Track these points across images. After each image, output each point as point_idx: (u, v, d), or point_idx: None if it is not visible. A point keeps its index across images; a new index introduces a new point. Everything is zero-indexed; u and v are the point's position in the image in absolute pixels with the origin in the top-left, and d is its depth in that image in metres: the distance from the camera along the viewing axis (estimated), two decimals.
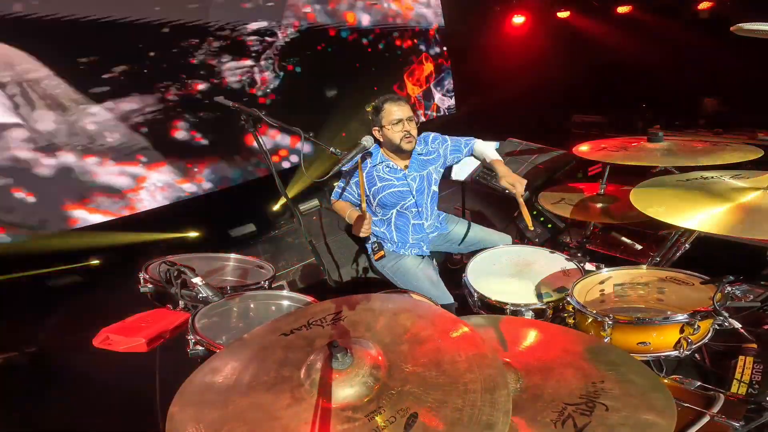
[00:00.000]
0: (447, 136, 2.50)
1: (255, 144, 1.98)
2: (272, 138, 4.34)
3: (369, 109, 2.30)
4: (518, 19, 5.91)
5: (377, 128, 2.27)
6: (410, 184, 2.32)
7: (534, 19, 5.91)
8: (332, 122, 4.57)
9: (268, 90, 4.10)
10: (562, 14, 5.77)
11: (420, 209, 2.37)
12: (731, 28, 1.70)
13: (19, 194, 3.19)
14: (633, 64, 5.32)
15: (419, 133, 2.35)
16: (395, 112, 2.20)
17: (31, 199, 3.23)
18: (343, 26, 4.53)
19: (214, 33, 3.71)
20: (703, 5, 4.81)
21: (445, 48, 5.72)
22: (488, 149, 2.46)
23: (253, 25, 3.89)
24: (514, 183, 2.13)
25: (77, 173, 3.37)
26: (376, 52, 4.92)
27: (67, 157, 3.30)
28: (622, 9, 5.37)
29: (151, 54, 3.50)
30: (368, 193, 2.31)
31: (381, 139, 2.30)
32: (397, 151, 2.28)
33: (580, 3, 5.61)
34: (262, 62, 3.97)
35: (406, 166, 2.34)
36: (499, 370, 0.91)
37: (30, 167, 3.19)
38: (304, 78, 4.34)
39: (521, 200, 2.10)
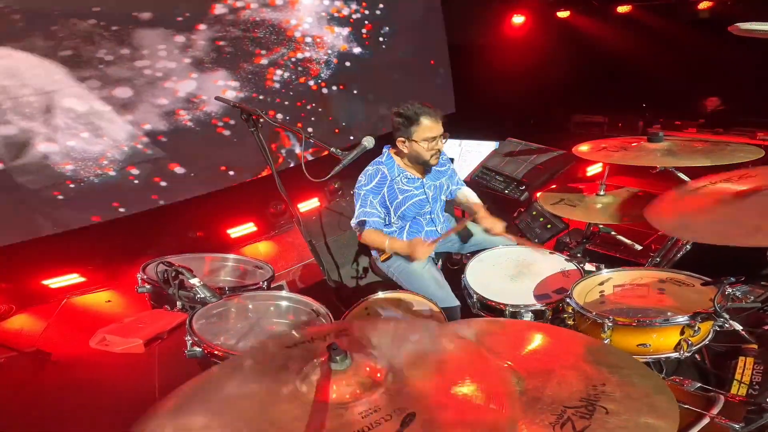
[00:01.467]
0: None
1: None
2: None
3: (398, 117, 2.13)
4: (518, 19, 5.91)
5: (404, 139, 2.15)
6: (427, 192, 2.32)
7: (534, 19, 5.90)
8: None
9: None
10: (562, 14, 5.77)
11: (433, 216, 2.40)
12: (729, 28, 1.70)
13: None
14: (633, 64, 5.32)
15: None
16: (430, 128, 2.09)
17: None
18: None
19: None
20: (703, 5, 4.81)
21: None
22: (472, 194, 2.54)
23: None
24: (493, 226, 2.22)
25: None
26: None
27: None
28: (622, 9, 5.37)
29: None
30: (390, 209, 2.27)
31: (405, 150, 2.18)
32: (422, 164, 2.21)
33: (580, 3, 5.61)
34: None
35: (422, 175, 2.32)
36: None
37: None
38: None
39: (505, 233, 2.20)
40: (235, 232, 4.09)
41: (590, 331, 1.49)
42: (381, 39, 4.81)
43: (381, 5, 4.72)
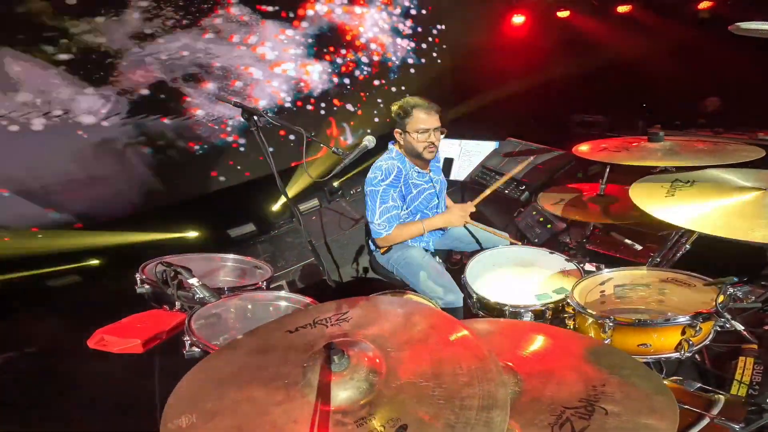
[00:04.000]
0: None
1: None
2: None
3: (396, 108, 2.22)
4: (518, 19, 5.90)
5: (400, 131, 2.22)
6: (435, 186, 2.37)
7: (534, 19, 5.89)
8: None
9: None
10: (562, 14, 5.75)
11: (439, 210, 2.45)
12: (729, 27, 1.70)
13: None
14: (633, 64, 5.31)
15: None
16: (424, 120, 2.15)
17: None
18: None
19: None
20: (703, 5, 4.80)
21: None
22: None
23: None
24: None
25: None
26: None
27: None
28: (622, 9, 5.36)
29: None
30: (405, 203, 2.28)
31: (401, 142, 2.25)
32: (417, 158, 2.26)
33: (580, 3, 5.60)
34: None
35: (429, 170, 2.38)
36: (501, 387, 0.88)
37: None
38: None
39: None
40: (235, 232, 4.09)
41: (591, 331, 1.48)
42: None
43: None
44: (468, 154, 3.60)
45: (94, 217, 3.61)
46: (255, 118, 2.01)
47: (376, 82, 5.34)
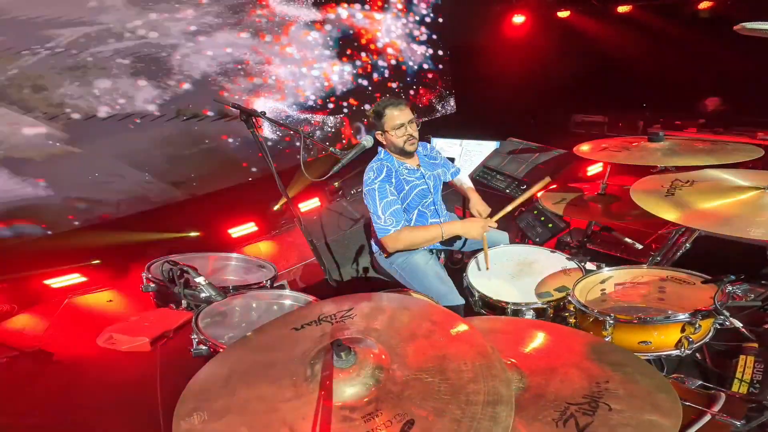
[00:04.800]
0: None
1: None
2: None
3: (370, 114, 2.31)
4: (518, 19, 5.91)
5: (380, 133, 2.29)
6: (428, 182, 2.37)
7: (534, 19, 5.90)
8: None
9: None
10: (562, 14, 5.77)
11: (436, 207, 2.44)
12: (734, 27, 1.70)
13: None
14: (633, 64, 5.32)
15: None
16: (397, 116, 2.21)
17: None
18: None
19: None
20: (703, 5, 4.81)
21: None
22: (467, 180, 2.70)
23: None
24: (483, 210, 2.38)
25: None
26: None
27: None
28: (622, 8, 5.37)
29: None
30: (398, 199, 2.28)
31: (384, 143, 2.31)
32: (402, 153, 2.29)
33: (580, 3, 5.61)
34: None
35: (419, 165, 2.38)
36: (505, 383, 0.89)
37: None
38: None
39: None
40: (236, 231, 4.10)
41: (592, 329, 1.50)
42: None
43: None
44: (469, 154, 3.61)
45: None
46: (253, 119, 2.03)
47: (392, 84, 5.63)
